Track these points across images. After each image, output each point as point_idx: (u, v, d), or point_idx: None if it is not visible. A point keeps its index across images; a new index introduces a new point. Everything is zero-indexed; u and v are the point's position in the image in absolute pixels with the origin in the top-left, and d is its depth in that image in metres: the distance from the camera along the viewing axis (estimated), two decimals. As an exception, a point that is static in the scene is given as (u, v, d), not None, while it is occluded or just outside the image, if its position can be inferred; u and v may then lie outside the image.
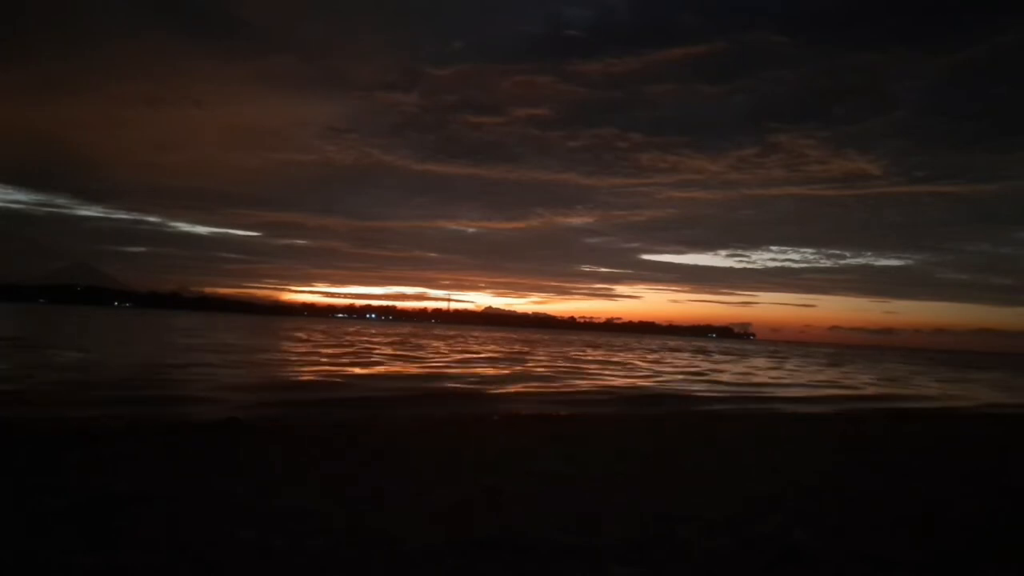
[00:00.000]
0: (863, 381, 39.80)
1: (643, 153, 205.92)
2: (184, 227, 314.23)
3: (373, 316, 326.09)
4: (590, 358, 49.37)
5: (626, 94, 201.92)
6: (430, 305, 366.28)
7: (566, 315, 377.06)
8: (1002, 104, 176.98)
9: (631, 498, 7.66)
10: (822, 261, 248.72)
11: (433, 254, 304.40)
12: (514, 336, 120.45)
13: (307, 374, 26.26)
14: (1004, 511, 8.19)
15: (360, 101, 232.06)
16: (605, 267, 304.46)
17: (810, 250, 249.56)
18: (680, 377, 34.89)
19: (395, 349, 48.96)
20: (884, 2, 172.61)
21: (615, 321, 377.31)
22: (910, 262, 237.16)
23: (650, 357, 56.87)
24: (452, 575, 4.96)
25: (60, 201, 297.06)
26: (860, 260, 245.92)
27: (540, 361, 42.15)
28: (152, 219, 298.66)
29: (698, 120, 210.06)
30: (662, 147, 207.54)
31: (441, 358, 40.66)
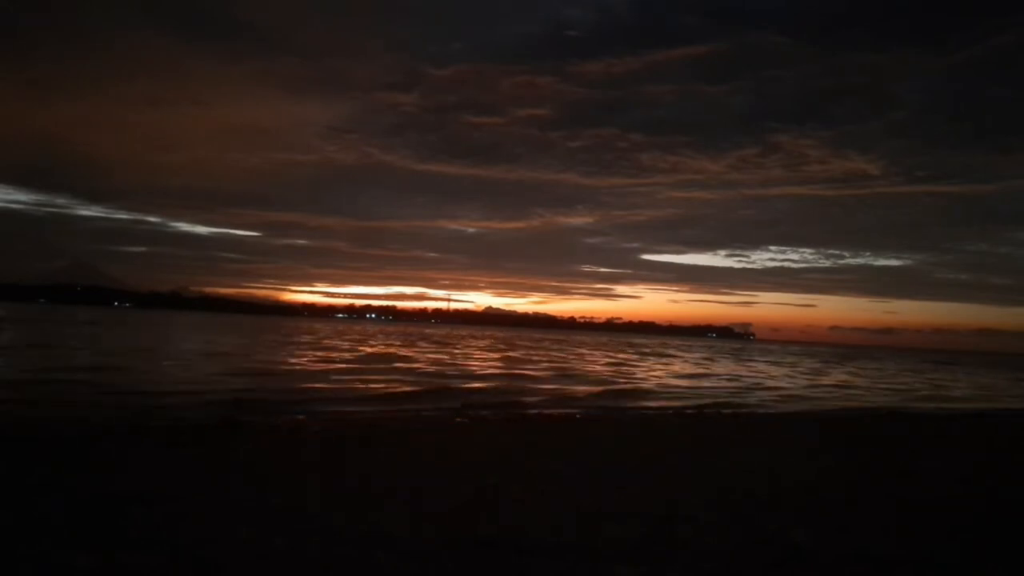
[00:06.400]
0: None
1: (643, 153, 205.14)
2: (184, 227, 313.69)
3: (373, 316, 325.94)
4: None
5: (626, 94, 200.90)
6: (430, 305, 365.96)
7: (566, 315, 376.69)
8: (1002, 104, 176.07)
9: (631, 497, 7.65)
10: (822, 261, 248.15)
11: (433, 254, 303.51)
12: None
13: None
14: (1003, 511, 8.19)
15: (360, 101, 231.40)
16: (605, 267, 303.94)
17: (810, 250, 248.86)
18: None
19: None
20: (884, 2, 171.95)
21: (615, 321, 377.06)
22: (910, 262, 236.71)
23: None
24: (452, 575, 4.96)
25: (60, 201, 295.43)
26: (860, 260, 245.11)
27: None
28: (152, 219, 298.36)
29: (698, 120, 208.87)
30: (662, 147, 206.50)
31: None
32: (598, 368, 39.05)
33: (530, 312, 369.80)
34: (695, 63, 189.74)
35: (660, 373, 37.80)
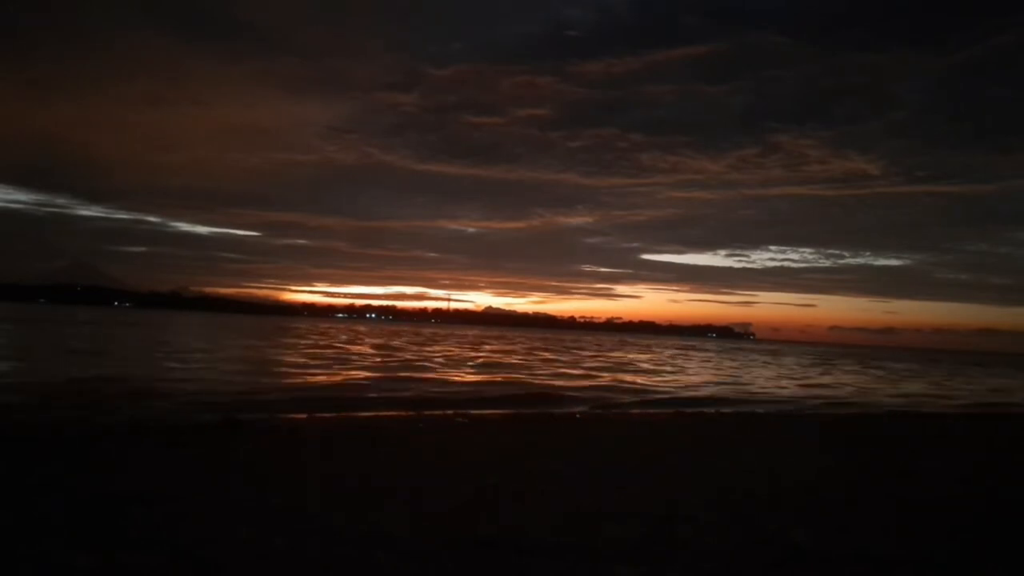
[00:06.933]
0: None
1: (643, 153, 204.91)
2: (184, 227, 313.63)
3: (373, 316, 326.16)
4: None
5: (626, 94, 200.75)
6: (430, 305, 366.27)
7: (566, 315, 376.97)
8: (1002, 104, 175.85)
9: (631, 497, 7.65)
10: (822, 261, 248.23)
11: (433, 254, 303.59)
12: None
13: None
14: (1003, 511, 8.19)
15: (360, 101, 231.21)
16: (605, 267, 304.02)
17: (810, 250, 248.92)
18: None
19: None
20: (884, 2, 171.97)
21: (615, 321, 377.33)
22: (910, 262, 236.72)
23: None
24: (452, 575, 4.96)
25: (60, 201, 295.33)
26: (860, 260, 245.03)
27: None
28: (152, 219, 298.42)
29: (698, 120, 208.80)
30: (662, 147, 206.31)
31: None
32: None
33: (530, 312, 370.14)
34: (695, 63, 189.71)
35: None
